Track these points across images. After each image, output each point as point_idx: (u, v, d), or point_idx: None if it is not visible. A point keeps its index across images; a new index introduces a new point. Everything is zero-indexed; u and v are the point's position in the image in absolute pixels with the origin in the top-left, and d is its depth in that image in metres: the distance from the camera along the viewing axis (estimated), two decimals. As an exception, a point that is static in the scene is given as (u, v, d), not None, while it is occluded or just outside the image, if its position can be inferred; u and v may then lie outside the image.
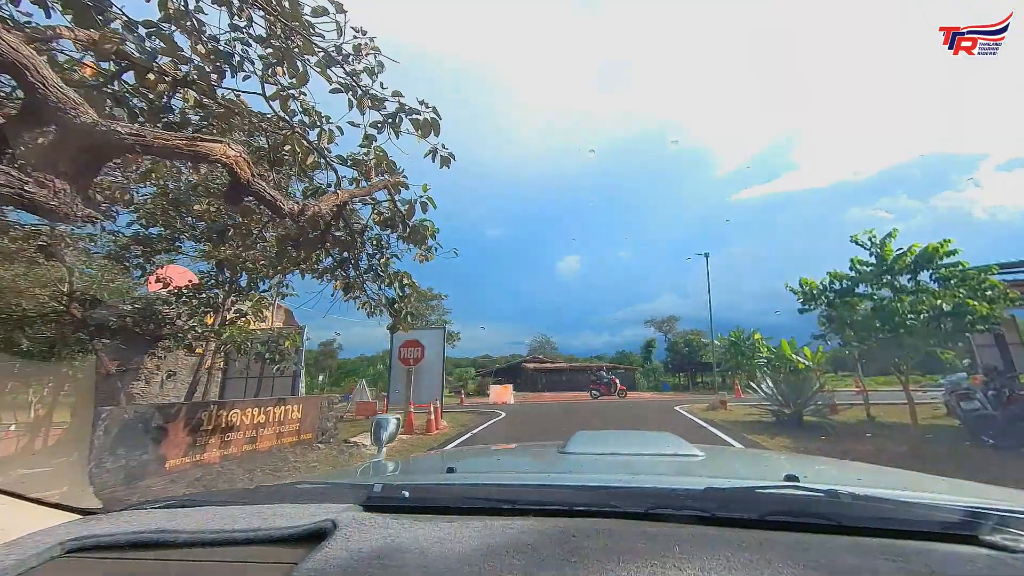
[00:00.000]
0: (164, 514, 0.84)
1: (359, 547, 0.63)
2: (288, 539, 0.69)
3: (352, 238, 6.00)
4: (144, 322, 8.56)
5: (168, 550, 0.68)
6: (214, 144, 2.79)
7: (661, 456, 1.54)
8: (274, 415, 7.09)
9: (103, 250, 8.16)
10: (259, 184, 3.26)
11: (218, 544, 0.69)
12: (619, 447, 1.71)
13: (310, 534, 0.69)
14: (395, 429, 1.83)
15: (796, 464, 1.64)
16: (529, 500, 0.83)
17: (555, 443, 1.76)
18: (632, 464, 1.45)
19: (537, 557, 0.59)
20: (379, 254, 6.67)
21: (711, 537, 0.65)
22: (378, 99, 4.45)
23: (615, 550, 0.61)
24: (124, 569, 0.65)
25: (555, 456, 1.60)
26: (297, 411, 7.64)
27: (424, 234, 6.60)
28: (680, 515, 0.74)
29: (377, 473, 1.51)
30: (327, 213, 4.39)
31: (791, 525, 0.69)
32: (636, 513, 0.76)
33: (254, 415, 6.73)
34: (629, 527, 0.70)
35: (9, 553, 0.64)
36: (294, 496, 0.96)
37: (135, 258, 8.13)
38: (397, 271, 6.81)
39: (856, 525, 0.68)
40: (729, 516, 0.73)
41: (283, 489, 1.18)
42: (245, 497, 0.99)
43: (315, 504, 0.85)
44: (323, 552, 0.62)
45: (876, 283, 7.15)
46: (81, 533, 0.71)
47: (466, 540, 0.65)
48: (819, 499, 0.80)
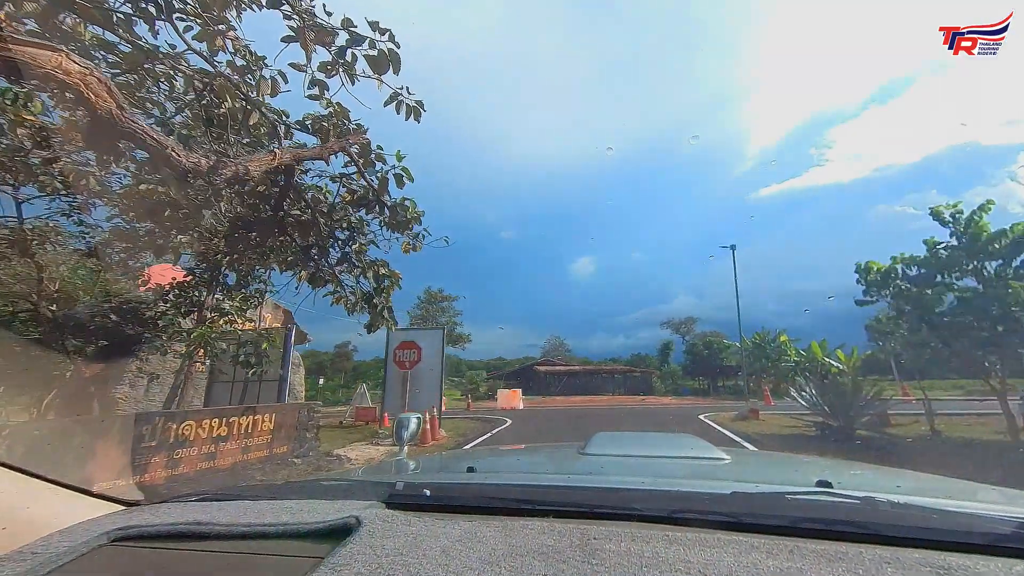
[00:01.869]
0: (200, 507, 0.89)
1: (383, 543, 0.65)
2: (315, 534, 0.72)
3: (315, 218, 5.02)
4: (122, 323, 7.86)
5: (204, 541, 0.71)
6: (40, 52, 1.84)
7: (684, 459, 1.49)
8: (239, 427, 6.20)
9: (81, 246, 7.49)
10: (133, 122, 2.32)
11: (250, 537, 0.72)
12: (640, 449, 1.69)
13: (336, 529, 0.72)
14: (416, 428, 2.34)
15: (828, 469, 1.53)
16: (549, 501, 0.82)
17: (574, 444, 1.73)
18: (654, 466, 1.41)
19: (558, 559, 0.59)
20: (353, 240, 5.69)
21: (738, 543, 0.63)
22: (325, 30, 3.48)
23: (637, 554, 0.60)
24: (163, 559, 0.68)
25: (575, 457, 1.57)
26: (269, 421, 6.75)
27: (407, 218, 5.63)
28: (704, 519, 0.71)
29: (399, 471, 1.56)
30: (257, 176, 3.44)
31: (823, 533, 0.66)
32: (658, 516, 0.74)
33: (213, 427, 5.85)
34: (651, 531, 0.68)
35: (62, 540, 0.71)
36: (320, 492, 0.99)
37: (116, 254, 7.44)
38: (375, 260, 5.81)
39: (895, 535, 0.64)
40: (757, 522, 0.70)
41: (309, 485, 1.19)
42: (274, 492, 1.05)
43: (340, 500, 0.88)
44: (348, 547, 0.64)
45: (959, 270, 5.73)
46: (125, 523, 0.77)
47: (487, 540, 0.66)
48: (855, 506, 0.78)
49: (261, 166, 3.41)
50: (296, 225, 5.02)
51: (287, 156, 3.66)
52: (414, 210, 5.46)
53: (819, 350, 25.21)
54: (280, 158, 3.57)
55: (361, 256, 5.69)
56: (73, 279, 8.63)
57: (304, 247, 5.35)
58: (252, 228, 4.92)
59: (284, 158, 3.61)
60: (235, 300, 7.94)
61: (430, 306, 41.37)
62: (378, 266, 5.64)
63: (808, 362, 26.15)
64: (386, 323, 5.63)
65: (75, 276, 8.76)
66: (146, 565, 0.67)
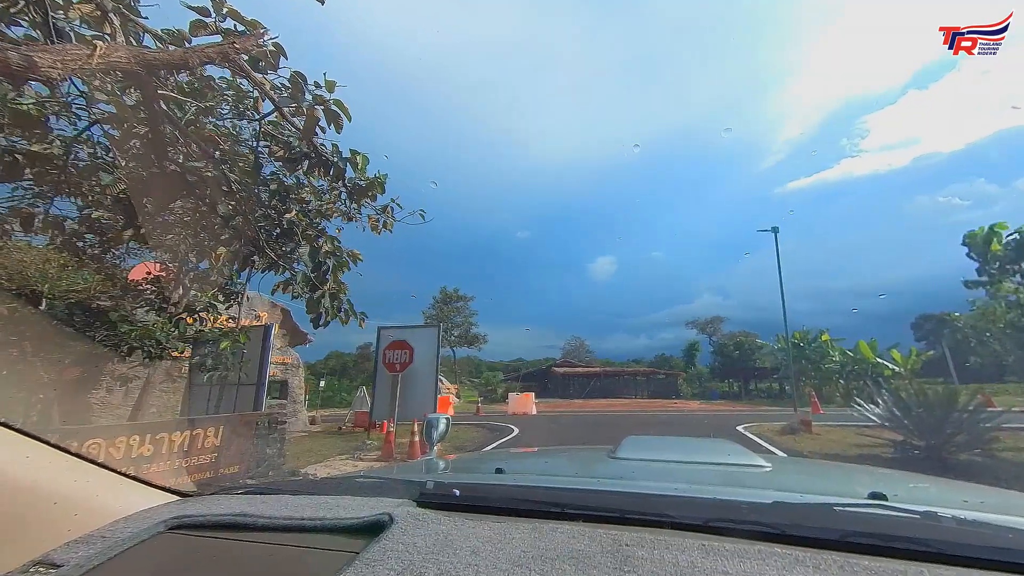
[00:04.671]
0: (245, 499, 0.92)
1: (414, 541, 0.66)
2: (350, 529, 0.75)
3: (222, 173, 3.78)
4: (87, 323, 6.97)
5: (248, 532, 0.76)
6: None
7: (720, 465, 1.44)
8: (170, 444, 5.08)
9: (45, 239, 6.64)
10: None
11: (290, 530, 0.76)
12: (673, 454, 1.62)
13: (369, 526, 0.75)
14: (445, 428, 2.29)
15: (882, 480, 1.46)
16: (579, 504, 0.80)
17: (604, 447, 1.69)
18: (688, 472, 1.36)
19: (588, 564, 0.58)
20: (285, 206, 4.42)
21: (781, 556, 0.59)
22: None
23: (672, 563, 0.58)
24: (212, 546, 0.74)
25: (605, 460, 1.52)
26: (214, 436, 5.62)
27: (360, 181, 4.37)
28: (743, 530, 0.68)
29: (429, 470, 1.53)
30: (57, 75, 2.20)
31: (878, 550, 0.61)
32: (694, 525, 0.71)
33: (132, 446, 4.74)
34: (686, 539, 0.65)
35: (126, 527, 0.78)
36: (354, 489, 0.99)
37: (89, 247, 6.53)
38: (317, 231, 4.55)
39: (961, 555, 0.58)
40: (801, 534, 0.65)
41: (345, 482, 1.21)
42: (312, 488, 1.09)
43: (373, 498, 0.90)
44: (381, 544, 0.66)
45: None
46: (180, 513, 0.82)
47: (516, 542, 0.66)
48: (914, 521, 0.72)
49: (68, 62, 2.17)
50: (200, 182, 3.77)
51: (120, 53, 2.40)
52: (364, 169, 4.17)
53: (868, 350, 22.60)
54: (106, 54, 2.31)
55: (306, 229, 4.45)
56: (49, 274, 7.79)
57: (224, 216, 4.11)
58: (150, 189, 3.74)
59: (111, 54, 2.35)
60: (206, 295, 6.91)
61: (445, 306, 40.51)
62: (321, 240, 4.36)
63: (856, 364, 23.63)
64: (331, 315, 4.36)
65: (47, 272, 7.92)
66: (197, 552, 0.73)
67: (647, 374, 39.87)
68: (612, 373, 40.70)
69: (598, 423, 14.28)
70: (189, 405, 9.86)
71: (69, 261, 6.58)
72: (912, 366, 17.64)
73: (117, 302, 6.69)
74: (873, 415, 7.21)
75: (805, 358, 25.08)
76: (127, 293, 6.44)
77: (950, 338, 22.28)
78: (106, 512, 0.82)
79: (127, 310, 6.32)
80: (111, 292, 6.81)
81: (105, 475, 0.93)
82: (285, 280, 4.74)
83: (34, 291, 6.67)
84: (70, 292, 7.39)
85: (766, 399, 28.83)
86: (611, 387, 37.87)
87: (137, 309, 6.37)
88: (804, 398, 16.93)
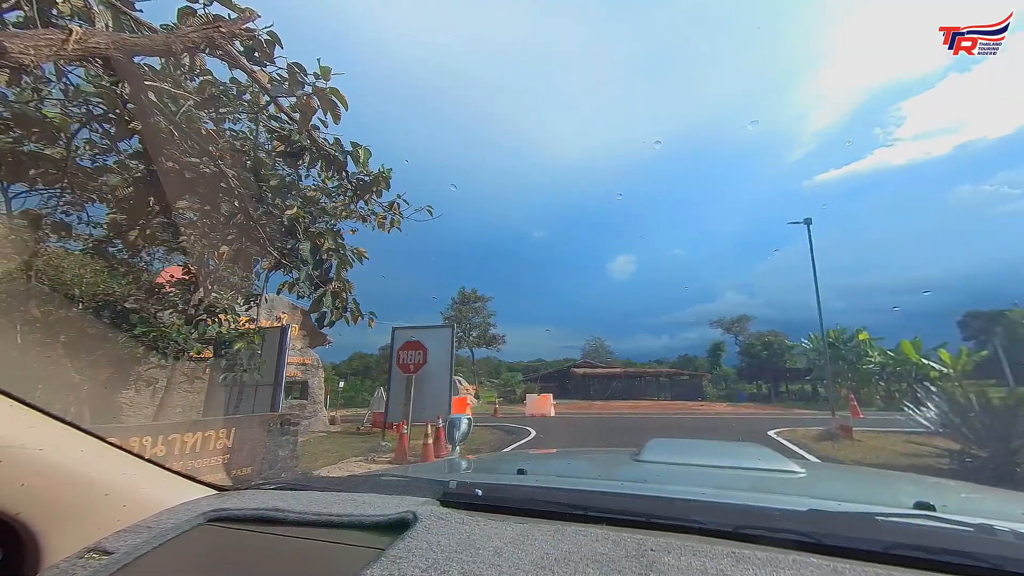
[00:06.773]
0: (278, 495, 0.96)
1: (438, 540, 0.67)
2: (376, 526, 0.76)
3: (220, 170, 3.67)
4: (115, 325, 7.15)
5: (280, 526, 0.79)
6: None
7: (751, 470, 1.38)
8: (179, 447, 5.05)
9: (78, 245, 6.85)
10: None
11: (319, 525, 0.78)
12: (700, 458, 1.55)
13: (394, 523, 0.76)
14: (467, 428, 2.73)
15: (928, 489, 1.36)
16: (603, 507, 0.80)
17: (628, 449, 1.67)
18: (716, 477, 1.31)
19: (612, 568, 0.57)
20: (282, 202, 4.30)
21: (818, 566, 0.55)
22: None
23: (700, 569, 0.56)
24: (247, 539, 0.77)
25: (629, 463, 1.47)
26: (226, 438, 5.59)
27: (366, 177, 4.21)
28: (776, 538, 0.64)
29: (452, 470, 1.53)
30: (30, 62, 2.08)
31: (925, 563, 0.57)
32: (722, 531, 0.68)
33: (144, 448, 4.72)
34: (714, 546, 0.62)
35: (169, 518, 0.82)
36: (380, 487, 1.01)
37: (118, 252, 6.69)
38: (321, 229, 4.41)
39: (1020, 572, 0.54)
40: (840, 544, 0.61)
41: (371, 479, 1.22)
42: (339, 485, 1.09)
43: (397, 496, 0.91)
44: (406, 541, 0.67)
45: None
46: (219, 506, 0.86)
47: (539, 543, 0.65)
48: (967, 534, 0.67)
49: (39, 47, 2.04)
50: (199, 179, 3.67)
51: (101, 41, 2.27)
52: (366, 163, 4.00)
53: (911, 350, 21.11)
54: (84, 40, 2.18)
55: (308, 226, 4.31)
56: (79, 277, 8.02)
57: (227, 214, 4.01)
58: (151, 186, 3.66)
59: (95, 43, 2.22)
60: (226, 297, 6.96)
61: (463, 307, 40.57)
62: (323, 236, 4.21)
63: (899, 365, 22.12)
64: (336, 315, 4.20)
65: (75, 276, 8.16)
66: (233, 543, 0.76)
67: (671, 375, 38.77)
68: (634, 374, 39.80)
69: (622, 427, 13.77)
70: (210, 406, 10.04)
71: (101, 265, 6.75)
72: (963, 367, 16.39)
73: (142, 305, 6.80)
74: (925, 420, 6.58)
75: (841, 358, 23.73)
76: (152, 296, 6.52)
77: (1003, 336, 20.60)
78: (151, 504, 0.87)
79: (150, 312, 6.40)
80: (137, 295, 6.95)
81: (150, 469, 0.97)
82: (291, 280, 4.62)
83: (67, 295, 6.85)
84: (101, 295, 7.57)
85: (798, 402, 27.46)
86: (633, 388, 37.03)
87: (161, 312, 6.46)
88: (840, 401, 15.95)
